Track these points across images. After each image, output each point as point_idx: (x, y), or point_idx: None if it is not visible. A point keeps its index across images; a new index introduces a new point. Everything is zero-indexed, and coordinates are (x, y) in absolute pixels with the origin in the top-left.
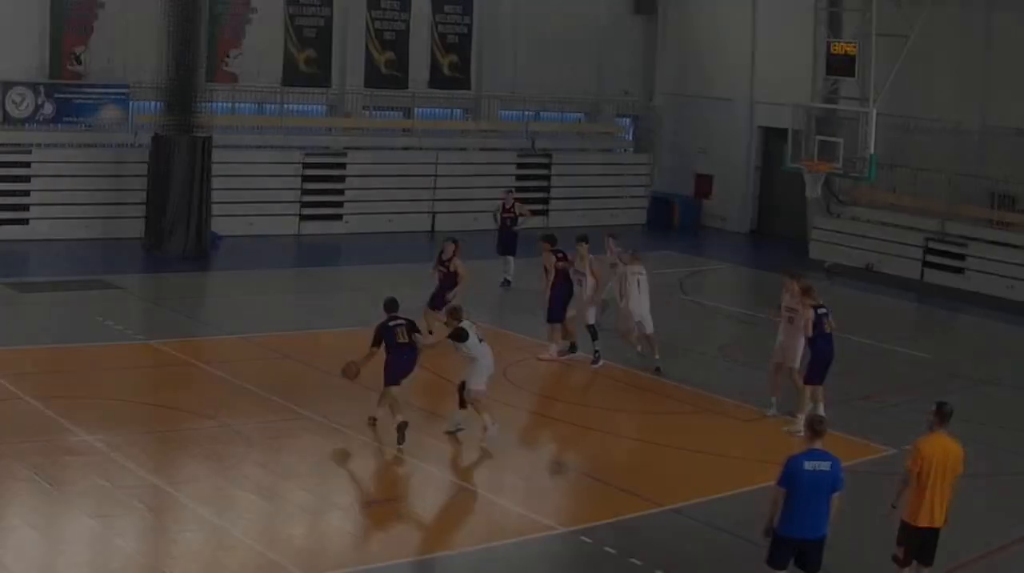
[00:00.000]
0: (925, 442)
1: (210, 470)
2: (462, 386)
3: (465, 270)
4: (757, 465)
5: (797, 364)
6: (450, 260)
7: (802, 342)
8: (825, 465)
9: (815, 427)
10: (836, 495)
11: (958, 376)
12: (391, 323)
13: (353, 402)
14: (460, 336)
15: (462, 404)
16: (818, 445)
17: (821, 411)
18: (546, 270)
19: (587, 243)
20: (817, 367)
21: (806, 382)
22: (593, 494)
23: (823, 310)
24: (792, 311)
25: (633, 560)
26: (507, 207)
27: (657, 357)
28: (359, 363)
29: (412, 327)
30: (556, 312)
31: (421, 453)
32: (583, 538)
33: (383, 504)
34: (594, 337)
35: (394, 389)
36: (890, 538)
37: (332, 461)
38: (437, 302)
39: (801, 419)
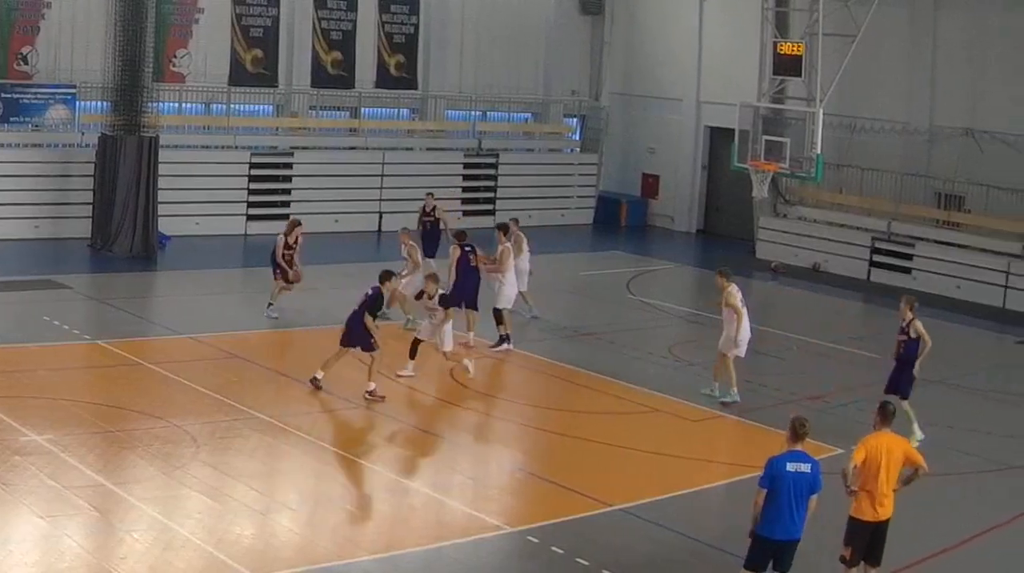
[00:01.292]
0: (869, 438)
1: (158, 470)
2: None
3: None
4: (705, 465)
5: (730, 353)
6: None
7: (734, 332)
8: (806, 467)
9: (797, 429)
10: (814, 497)
11: None
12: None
13: (302, 402)
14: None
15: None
16: (799, 447)
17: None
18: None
19: (504, 232)
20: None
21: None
22: (541, 494)
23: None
24: (728, 307)
25: (580, 560)
26: (427, 210)
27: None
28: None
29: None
30: (464, 301)
31: (369, 454)
32: (530, 538)
33: (332, 503)
34: (499, 321)
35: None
36: (838, 538)
37: (280, 461)
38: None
39: (918, 432)
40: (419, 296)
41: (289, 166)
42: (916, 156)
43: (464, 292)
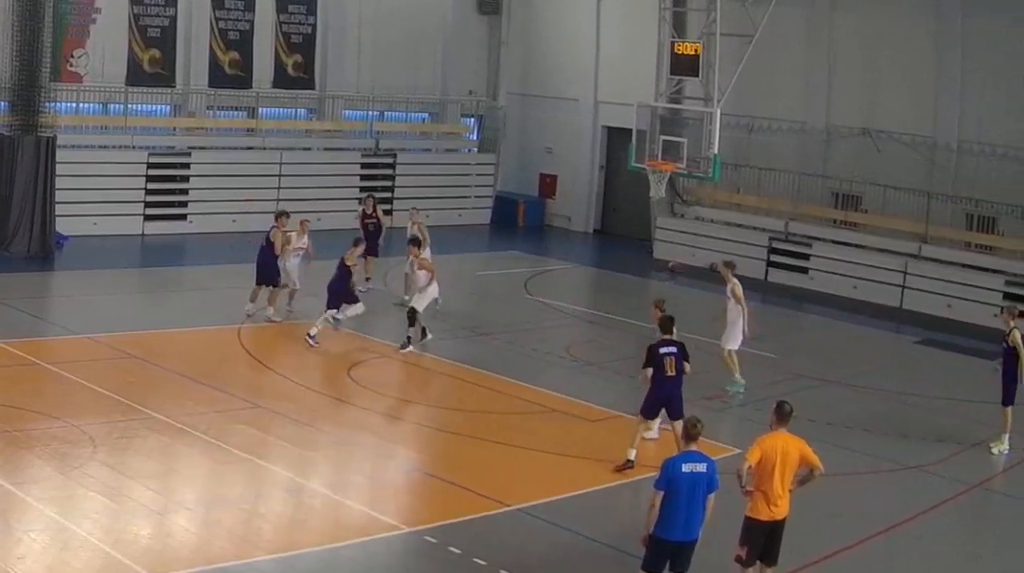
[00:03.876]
0: (765, 438)
1: (56, 470)
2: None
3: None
4: (602, 465)
5: (733, 346)
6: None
7: (738, 327)
8: (701, 466)
9: (689, 430)
10: (712, 496)
11: (804, 376)
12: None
13: (199, 402)
14: None
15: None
16: (693, 447)
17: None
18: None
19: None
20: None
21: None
22: (438, 494)
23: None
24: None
25: (477, 560)
26: (368, 212)
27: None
28: None
29: None
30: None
31: (267, 454)
32: (428, 538)
33: (229, 503)
34: (412, 323)
35: None
36: (734, 538)
37: (178, 461)
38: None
39: (1005, 438)
40: None
41: (187, 166)
42: (813, 156)
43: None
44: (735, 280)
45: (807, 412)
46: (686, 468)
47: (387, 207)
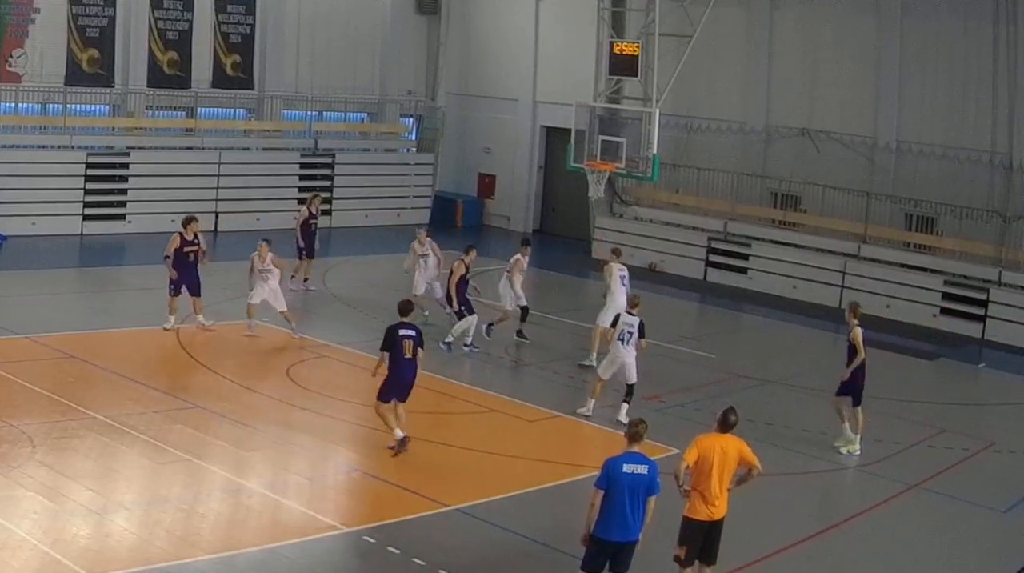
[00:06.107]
0: (703, 437)
1: None
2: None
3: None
4: (541, 465)
5: (605, 323)
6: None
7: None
8: (643, 468)
9: (631, 430)
10: (652, 498)
11: (742, 376)
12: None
13: (138, 402)
14: None
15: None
16: (635, 448)
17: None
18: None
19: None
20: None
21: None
22: (378, 494)
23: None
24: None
25: (416, 560)
26: (313, 212)
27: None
28: None
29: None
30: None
31: (206, 454)
32: (367, 538)
33: (168, 503)
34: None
35: None
36: (673, 537)
37: (117, 461)
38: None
39: (857, 439)
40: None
41: (126, 166)
42: (752, 156)
43: (185, 280)
44: (616, 264)
45: (745, 412)
46: (627, 469)
47: (326, 207)
